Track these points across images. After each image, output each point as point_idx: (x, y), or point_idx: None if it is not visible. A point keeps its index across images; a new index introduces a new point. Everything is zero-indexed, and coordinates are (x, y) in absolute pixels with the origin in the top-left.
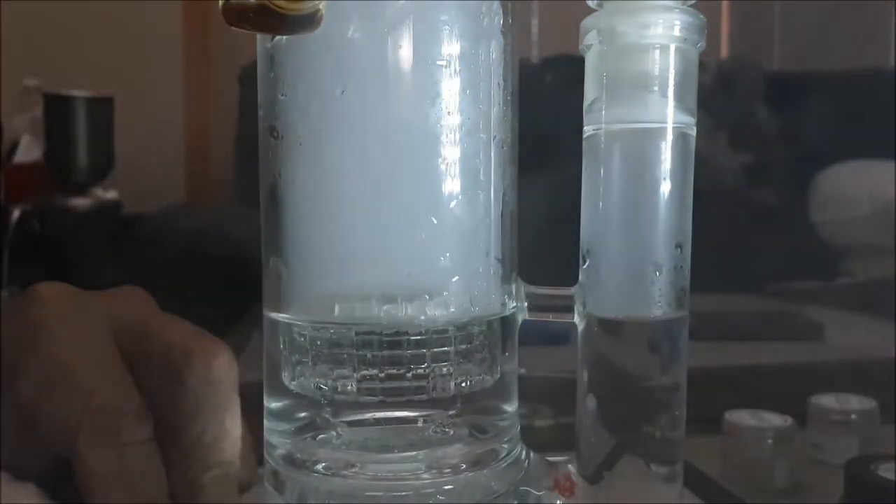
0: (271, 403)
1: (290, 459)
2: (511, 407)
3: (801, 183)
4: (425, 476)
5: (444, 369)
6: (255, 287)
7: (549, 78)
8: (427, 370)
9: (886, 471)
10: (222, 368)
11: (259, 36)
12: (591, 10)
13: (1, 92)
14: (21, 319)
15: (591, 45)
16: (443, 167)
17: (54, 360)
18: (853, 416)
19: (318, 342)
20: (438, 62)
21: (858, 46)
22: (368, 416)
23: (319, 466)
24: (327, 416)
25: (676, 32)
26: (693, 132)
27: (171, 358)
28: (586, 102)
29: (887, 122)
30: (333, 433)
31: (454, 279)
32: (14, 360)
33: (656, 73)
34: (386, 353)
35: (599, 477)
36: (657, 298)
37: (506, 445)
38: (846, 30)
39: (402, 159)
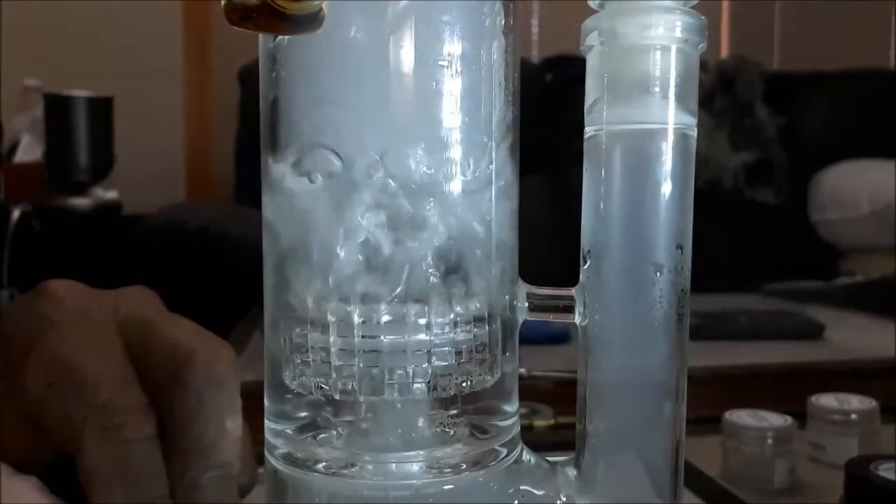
0: (271, 403)
1: (290, 459)
2: (511, 407)
3: (801, 183)
4: (425, 476)
5: (445, 369)
6: (256, 287)
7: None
8: (427, 370)
9: (886, 471)
10: (225, 369)
11: (261, 35)
12: (592, 11)
13: (1, 92)
14: (30, 314)
15: (593, 45)
16: None
17: (62, 355)
18: (853, 416)
19: (319, 342)
20: (440, 62)
21: (858, 46)
22: (369, 416)
23: (319, 466)
24: (327, 416)
25: (678, 34)
26: (694, 133)
27: (174, 357)
28: (587, 103)
29: (887, 122)
30: (333, 433)
31: (455, 279)
32: (22, 354)
33: (657, 74)
34: (386, 352)
35: (599, 477)
36: (657, 299)
37: (506, 445)
38: (846, 30)
39: None
